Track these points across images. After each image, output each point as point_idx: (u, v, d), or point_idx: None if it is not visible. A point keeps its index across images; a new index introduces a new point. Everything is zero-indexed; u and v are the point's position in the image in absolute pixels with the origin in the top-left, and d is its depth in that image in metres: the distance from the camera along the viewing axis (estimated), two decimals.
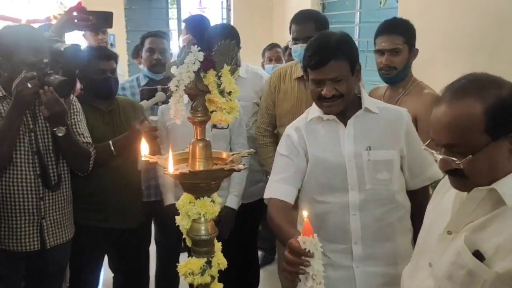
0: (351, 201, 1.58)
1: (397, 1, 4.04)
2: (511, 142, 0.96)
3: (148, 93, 2.29)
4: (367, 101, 1.65)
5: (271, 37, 5.13)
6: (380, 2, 4.47)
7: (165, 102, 2.24)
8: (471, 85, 0.98)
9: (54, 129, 1.74)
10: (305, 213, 1.09)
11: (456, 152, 0.99)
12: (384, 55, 2.11)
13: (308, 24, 2.20)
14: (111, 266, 2.37)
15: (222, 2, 6.30)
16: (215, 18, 6.85)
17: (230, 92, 1.31)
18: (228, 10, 6.00)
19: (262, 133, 2.35)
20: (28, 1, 8.13)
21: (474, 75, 1.02)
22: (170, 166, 1.22)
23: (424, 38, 3.27)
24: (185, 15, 6.94)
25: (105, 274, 2.46)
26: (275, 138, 2.31)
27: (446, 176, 1.12)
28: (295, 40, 2.22)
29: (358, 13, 4.46)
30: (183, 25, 6.29)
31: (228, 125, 2.12)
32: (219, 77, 1.30)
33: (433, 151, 1.04)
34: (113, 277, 2.40)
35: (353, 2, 4.60)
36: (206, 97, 1.31)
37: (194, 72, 1.26)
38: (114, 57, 2.19)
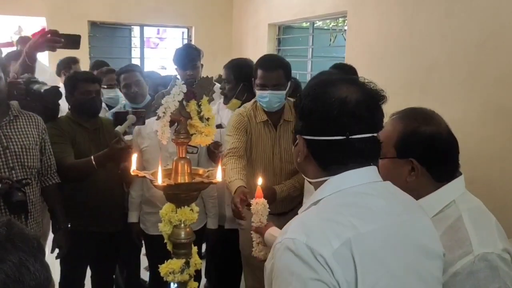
0: None
1: (345, 39, 4.54)
2: (410, 165, 1.19)
3: (120, 116, 2.49)
4: None
5: None
6: (330, 40, 4.97)
7: (136, 123, 2.46)
8: (408, 113, 1.25)
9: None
10: (259, 181, 1.55)
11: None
12: None
13: (277, 71, 2.19)
14: (91, 266, 2.58)
15: (183, 32, 6.61)
16: (176, 47, 7.13)
17: (208, 118, 1.59)
18: (190, 41, 6.30)
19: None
20: None
21: (417, 108, 1.27)
22: (159, 179, 1.47)
23: (366, 74, 3.73)
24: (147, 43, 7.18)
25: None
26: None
27: None
28: (263, 86, 2.19)
29: (310, 49, 4.91)
30: (146, 52, 6.55)
31: (198, 150, 2.39)
32: (199, 106, 1.58)
33: None
34: (91, 276, 2.61)
35: (306, 38, 5.06)
36: (188, 122, 1.59)
37: (178, 101, 1.54)
38: (98, 81, 2.46)
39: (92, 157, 2.22)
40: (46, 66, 4.48)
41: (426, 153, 1.20)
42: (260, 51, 5.19)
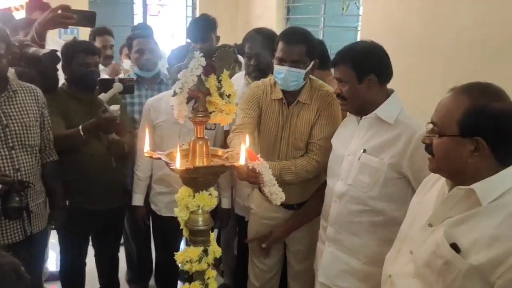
0: (336, 189, 1.79)
1: (358, 8, 4.30)
2: (474, 145, 1.09)
3: (105, 84, 2.27)
4: (384, 110, 1.68)
5: (235, 37, 5.24)
6: (343, 8, 4.72)
7: (122, 92, 2.30)
8: (475, 87, 1.13)
9: None
10: (247, 142, 1.48)
11: (434, 131, 1.16)
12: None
13: (299, 46, 1.95)
14: (94, 245, 2.50)
15: (186, 0, 6.33)
16: (179, 16, 6.87)
17: (229, 95, 1.43)
18: (194, 8, 6.05)
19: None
20: None
21: (482, 83, 1.15)
22: (178, 162, 1.33)
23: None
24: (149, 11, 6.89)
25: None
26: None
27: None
28: (281, 61, 1.96)
29: (322, 18, 4.67)
30: (149, 19, 6.29)
31: (215, 126, 2.24)
32: (219, 81, 1.42)
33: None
34: (94, 255, 2.52)
35: (317, 7, 4.82)
36: (206, 99, 1.43)
37: (197, 76, 1.38)
38: (98, 52, 2.30)
39: (80, 127, 2.10)
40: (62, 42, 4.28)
41: (495, 132, 1.08)
42: (268, 20, 4.95)
